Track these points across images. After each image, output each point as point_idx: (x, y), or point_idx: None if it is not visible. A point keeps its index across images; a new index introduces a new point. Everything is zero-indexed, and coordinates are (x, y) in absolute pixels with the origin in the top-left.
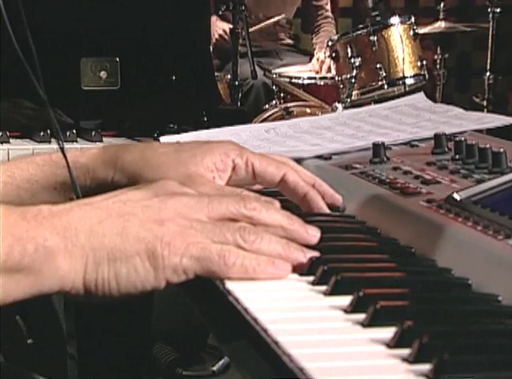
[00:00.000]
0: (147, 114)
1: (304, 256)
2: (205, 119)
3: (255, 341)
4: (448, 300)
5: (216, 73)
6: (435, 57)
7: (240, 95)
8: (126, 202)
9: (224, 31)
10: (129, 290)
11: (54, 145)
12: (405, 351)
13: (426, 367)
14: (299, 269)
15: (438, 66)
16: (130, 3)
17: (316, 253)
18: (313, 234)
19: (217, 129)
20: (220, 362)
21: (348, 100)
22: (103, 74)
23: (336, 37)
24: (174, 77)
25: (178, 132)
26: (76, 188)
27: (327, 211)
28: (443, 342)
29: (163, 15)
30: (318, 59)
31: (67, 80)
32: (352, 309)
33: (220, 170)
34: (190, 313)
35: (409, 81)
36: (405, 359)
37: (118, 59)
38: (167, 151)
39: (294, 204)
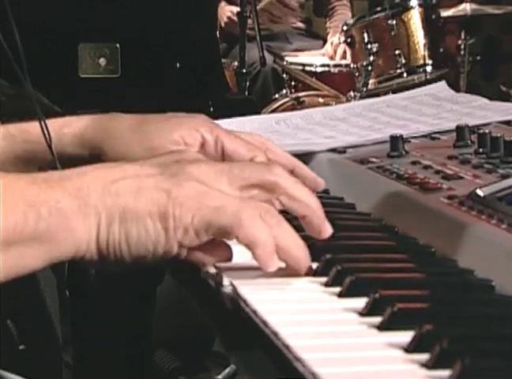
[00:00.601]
0: (149, 104)
1: (307, 267)
2: (211, 109)
3: (264, 345)
4: (470, 302)
5: (222, 60)
6: (459, 42)
7: (248, 83)
8: (143, 165)
9: (232, 12)
10: (141, 252)
11: None
12: (424, 356)
13: (446, 373)
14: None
15: (462, 52)
16: None
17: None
18: (328, 227)
19: (224, 120)
20: (226, 371)
21: (364, 89)
22: (102, 61)
23: (351, 21)
24: (178, 64)
25: None
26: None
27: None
28: (464, 346)
29: None
30: (331, 43)
31: (64, 67)
32: (368, 311)
33: (188, 144)
34: (194, 318)
35: (430, 69)
36: (424, 364)
37: (118, 45)
38: (132, 123)
39: None
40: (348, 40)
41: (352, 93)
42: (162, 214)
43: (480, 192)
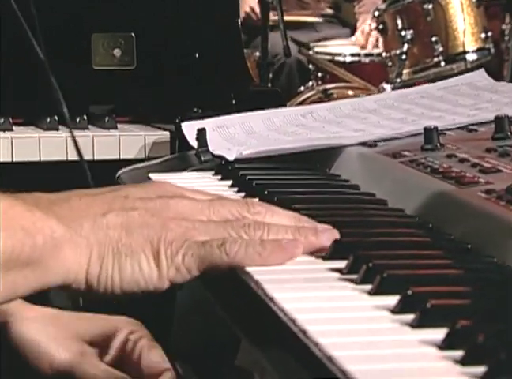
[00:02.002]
0: (167, 97)
1: (318, 239)
2: (233, 102)
3: (293, 344)
4: (506, 299)
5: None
6: (503, 27)
7: (271, 75)
8: (127, 197)
9: (252, 8)
10: (132, 287)
11: (62, 133)
12: (458, 353)
13: (480, 369)
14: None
15: (506, 38)
16: None
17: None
18: (325, 236)
19: (247, 114)
20: None
21: (398, 80)
22: (116, 52)
23: (383, 6)
24: (197, 55)
25: (202, 117)
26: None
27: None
28: (499, 342)
29: None
30: (362, 32)
31: (76, 58)
32: (400, 309)
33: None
34: (214, 329)
35: (471, 57)
36: (458, 361)
37: (133, 35)
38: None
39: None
40: (380, 27)
41: (384, 85)
42: (155, 251)
43: None
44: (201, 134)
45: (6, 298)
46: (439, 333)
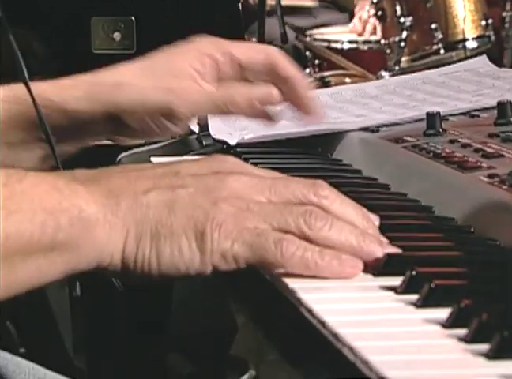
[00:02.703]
0: None
1: (382, 250)
2: None
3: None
4: (509, 280)
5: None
6: (504, 14)
7: None
8: (178, 174)
9: None
10: (171, 271)
11: None
12: (462, 331)
13: (484, 347)
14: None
15: (507, 25)
16: None
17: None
18: (387, 250)
19: None
20: (245, 377)
21: (397, 68)
22: (116, 36)
23: None
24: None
25: None
26: (45, 128)
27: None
28: (503, 321)
29: None
30: (360, 18)
31: (75, 42)
32: (404, 289)
33: (200, 72)
34: (211, 319)
35: (471, 44)
36: (462, 339)
37: (133, 18)
38: (139, 68)
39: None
40: (379, 13)
41: (382, 72)
42: (199, 234)
43: None
44: (202, 118)
45: (33, 284)
46: (443, 313)
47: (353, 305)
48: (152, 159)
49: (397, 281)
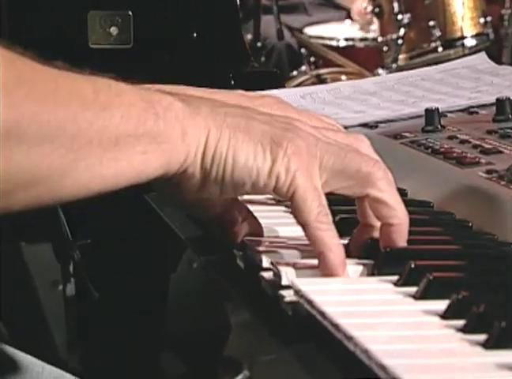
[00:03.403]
0: (164, 77)
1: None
2: (232, 83)
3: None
4: (507, 273)
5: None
6: (503, 12)
7: (264, 58)
8: (248, 109)
9: None
10: (244, 176)
11: None
12: (459, 322)
13: (482, 337)
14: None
15: (506, 23)
16: None
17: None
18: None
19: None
20: (238, 378)
21: (394, 66)
22: (113, 30)
23: None
24: (195, 34)
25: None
26: None
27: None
28: (501, 311)
29: None
30: (359, 11)
31: (72, 37)
32: (403, 281)
33: None
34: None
35: (469, 42)
36: (460, 329)
37: (130, 13)
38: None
39: None
40: (376, 10)
41: (379, 70)
42: (274, 145)
43: None
44: None
45: (138, 174)
46: (441, 304)
47: (353, 297)
48: None
49: (396, 275)
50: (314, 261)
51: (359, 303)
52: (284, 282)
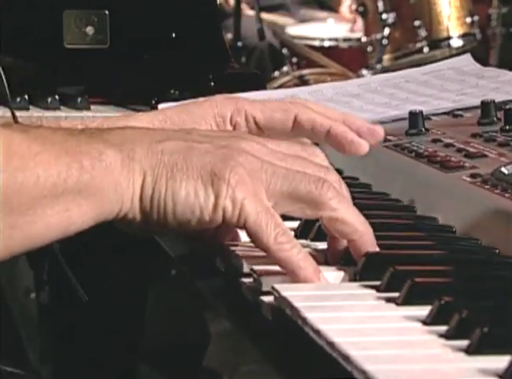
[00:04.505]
0: (142, 78)
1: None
2: (212, 84)
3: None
4: (490, 278)
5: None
6: (490, 11)
7: (245, 59)
8: (191, 132)
9: None
10: (186, 214)
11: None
12: (442, 328)
13: (464, 343)
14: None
15: (493, 23)
16: None
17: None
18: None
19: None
20: None
21: (379, 66)
22: (89, 30)
23: None
24: (174, 34)
25: (179, 99)
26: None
27: (361, 142)
28: (483, 317)
29: None
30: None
31: (46, 36)
32: (385, 287)
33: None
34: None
35: (456, 43)
36: (442, 335)
37: (107, 12)
38: (148, 125)
39: None
40: (360, 9)
41: (363, 71)
42: (216, 178)
43: (504, 170)
44: None
45: (63, 231)
46: (423, 310)
47: (334, 303)
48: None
49: (378, 280)
50: None
51: (341, 309)
52: (264, 288)
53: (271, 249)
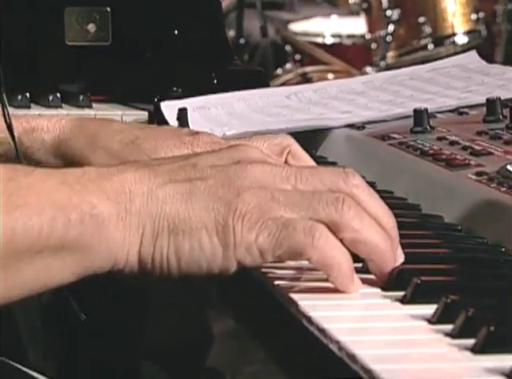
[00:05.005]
0: (144, 76)
1: (398, 259)
2: (215, 81)
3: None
4: (496, 277)
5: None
6: (496, 7)
7: (247, 56)
8: (196, 165)
9: None
10: (192, 269)
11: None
12: (447, 327)
13: (470, 342)
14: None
15: (499, 20)
16: None
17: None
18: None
19: (229, 94)
20: None
21: (383, 63)
22: (91, 27)
23: None
24: (176, 31)
25: (182, 97)
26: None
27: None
28: (489, 315)
29: None
30: None
31: (48, 33)
32: (391, 285)
33: None
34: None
35: (461, 39)
36: (448, 334)
37: (109, 9)
38: (124, 136)
39: None
40: (364, 6)
41: (367, 68)
42: (220, 227)
43: (510, 167)
44: (183, 114)
45: (41, 286)
46: (429, 309)
47: (339, 302)
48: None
49: None
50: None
51: (346, 307)
52: (269, 287)
53: (315, 255)
